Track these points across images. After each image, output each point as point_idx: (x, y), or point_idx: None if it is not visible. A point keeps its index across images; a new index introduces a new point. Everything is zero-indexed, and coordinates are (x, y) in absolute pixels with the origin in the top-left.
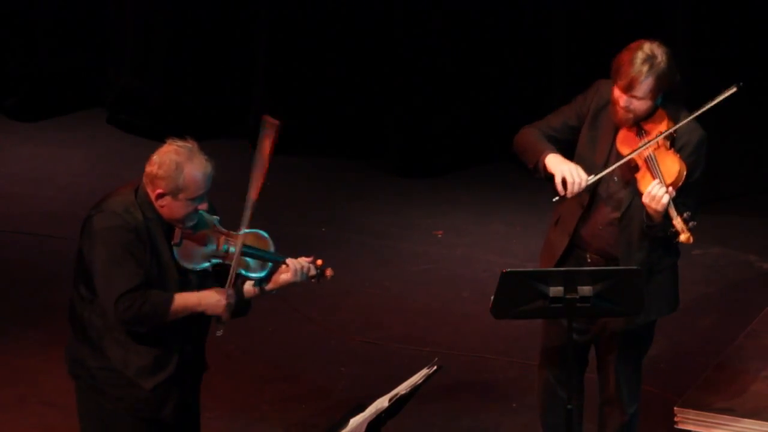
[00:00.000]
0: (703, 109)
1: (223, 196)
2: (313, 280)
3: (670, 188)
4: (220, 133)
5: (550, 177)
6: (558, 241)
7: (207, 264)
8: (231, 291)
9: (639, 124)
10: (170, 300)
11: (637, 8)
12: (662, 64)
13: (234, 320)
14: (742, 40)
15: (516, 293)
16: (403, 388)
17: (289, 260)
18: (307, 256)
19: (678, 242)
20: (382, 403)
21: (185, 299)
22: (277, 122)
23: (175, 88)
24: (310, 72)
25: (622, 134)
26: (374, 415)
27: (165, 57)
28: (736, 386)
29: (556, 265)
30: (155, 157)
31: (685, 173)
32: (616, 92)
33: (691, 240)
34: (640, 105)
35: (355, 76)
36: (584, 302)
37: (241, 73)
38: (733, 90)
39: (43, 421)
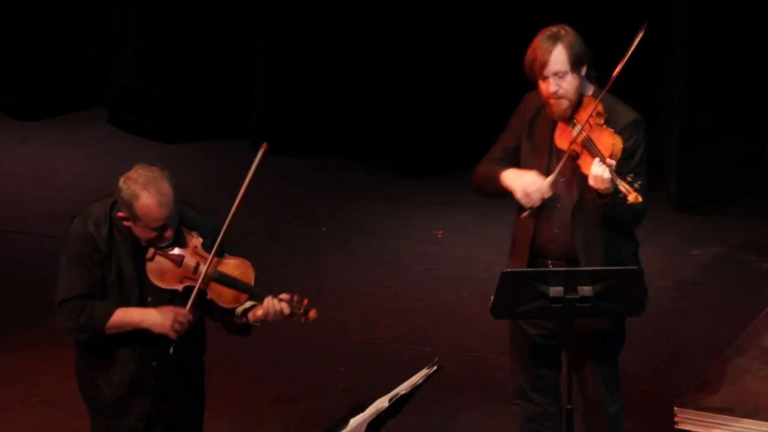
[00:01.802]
0: (622, 63)
1: (223, 196)
2: (293, 319)
3: (609, 160)
4: (220, 133)
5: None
6: (518, 257)
7: (177, 284)
8: (185, 311)
9: (570, 116)
10: (109, 313)
11: (636, 8)
12: (568, 36)
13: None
14: (742, 39)
15: (516, 293)
16: (403, 388)
17: (267, 300)
18: (287, 292)
19: (635, 233)
20: (382, 403)
21: (126, 314)
22: (266, 146)
23: (175, 88)
24: (310, 72)
25: (558, 132)
26: (374, 415)
27: (165, 57)
28: (736, 386)
29: None
30: (120, 181)
31: (621, 145)
32: (542, 85)
33: (640, 199)
34: (567, 83)
35: (355, 76)
36: (584, 302)
37: (241, 73)
38: (641, 33)
39: (43, 421)
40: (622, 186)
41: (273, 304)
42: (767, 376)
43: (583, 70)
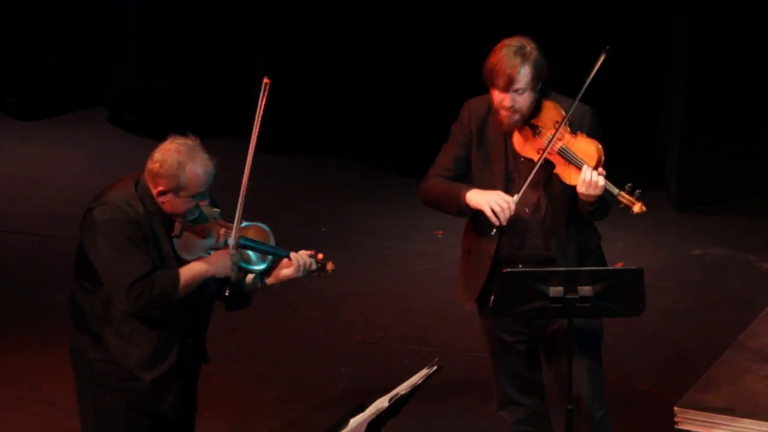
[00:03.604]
0: (586, 84)
1: (223, 195)
2: (314, 275)
3: (600, 168)
4: (221, 133)
5: (477, 213)
6: (478, 267)
7: (206, 256)
8: (233, 251)
9: (530, 123)
10: (177, 276)
11: (637, 9)
12: (534, 52)
13: (233, 321)
14: (742, 40)
15: (516, 293)
16: (403, 388)
17: (292, 254)
18: (306, 251)
19: (596, 226)
20: (382, 403)
21: (192, 269)
22: (269, 81)
23: (176, 87)
24: (311, 72)
25: (519, 139)
26: (374, 415)
27: (166, 56)
28: (736, 386)
29: (483, 291)
30: (157, 155)
31: (602, 150)
32: (498, 96)
33: (645, 208)
34: (524, 100)
35: (355, 75)
36: (584, 302)
37: (241, 73)
38: (603, 57)
39: (43, 421)
40: (623, 196)
41: (302, 259)
42: (767, 376)
43: (538, 86)
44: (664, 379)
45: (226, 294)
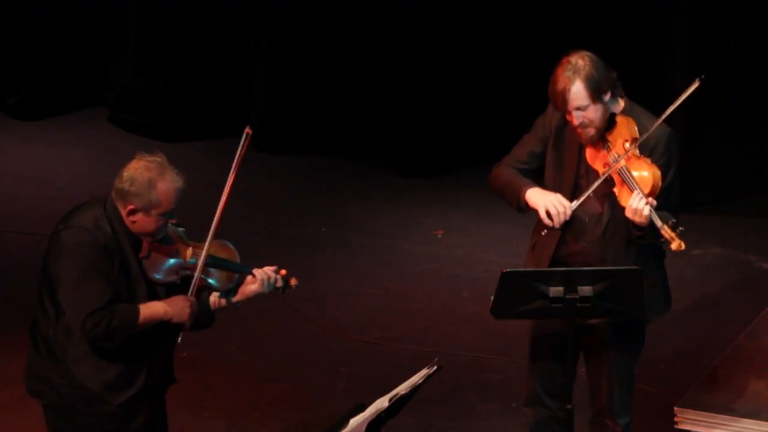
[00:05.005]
0: (670, 109)
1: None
2: (279, 291)
3: (650, 198)
4: (220, 133)
5: (535, 211)
6: (538, 264)
7: (175, 276)
8: (193, 299)
9: (602, 136)
10: (137, 312)
11: (637, 8)
12: (586, 67)
13: (233, 321)
14: (742, 39)
15: (516, 293)
16: (403, 388)
17: (255, 271)
18: (271, 265)
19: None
20: (382, 403)
21: (151, 309)
22: (250, 132)
23: (176, 87)
24: (310, 72)
25: (590, 149)
26: (374, 415)
27: (166, 56)
28: (736, 386)
29: None
30: (126, 174)
31: (660, 177)
32: (567, 116)
33: (683, 246)
34: (590, 113)
35: (355, 75)
36: (584, 302)
37: (241, 73)
38: (696, 84)
39: (43, 421)
40: (665, 231)
41: (266, 275)
42: (767, 376)
43: (607, 96)
44: (664, 379)
45: (179, 340)
